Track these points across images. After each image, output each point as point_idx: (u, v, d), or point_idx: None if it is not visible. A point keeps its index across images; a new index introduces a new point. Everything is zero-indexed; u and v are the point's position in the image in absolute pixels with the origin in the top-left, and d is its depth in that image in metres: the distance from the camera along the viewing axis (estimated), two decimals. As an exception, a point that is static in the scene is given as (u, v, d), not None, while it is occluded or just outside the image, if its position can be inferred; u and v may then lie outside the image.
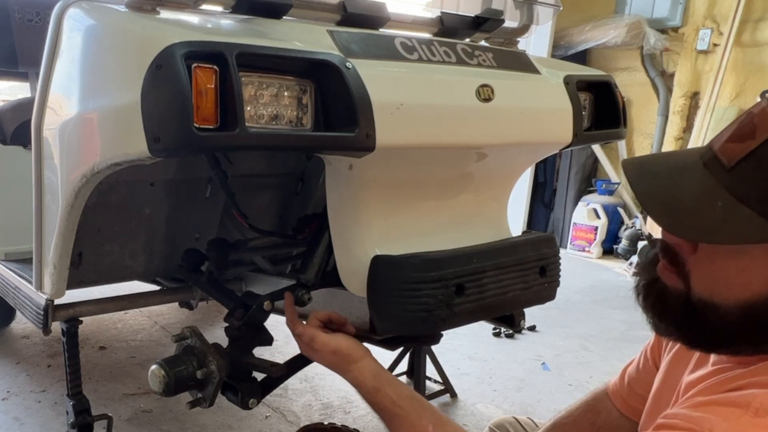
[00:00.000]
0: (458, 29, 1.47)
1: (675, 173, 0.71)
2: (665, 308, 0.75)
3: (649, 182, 0.73)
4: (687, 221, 0.67)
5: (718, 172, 0.67)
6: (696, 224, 0.67)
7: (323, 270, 1.45)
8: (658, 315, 0.77)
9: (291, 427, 2.07)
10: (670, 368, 0.89)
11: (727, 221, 0.65)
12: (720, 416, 0.64)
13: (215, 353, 1.25)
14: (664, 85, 4.77)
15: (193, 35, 0.96)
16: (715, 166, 0.67)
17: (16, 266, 1.82)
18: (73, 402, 1.60)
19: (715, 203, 0.65)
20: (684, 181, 0.69)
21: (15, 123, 2.11)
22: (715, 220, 0.65)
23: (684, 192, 0.69)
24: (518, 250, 1.37)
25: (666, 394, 0.87)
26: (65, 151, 1.23)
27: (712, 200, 0.66)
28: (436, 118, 1.18)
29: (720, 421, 0.63)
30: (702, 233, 0.67)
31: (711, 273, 0.70)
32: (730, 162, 0.65)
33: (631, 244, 4.61)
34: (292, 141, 1.06)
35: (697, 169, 0.69)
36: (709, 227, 0.66)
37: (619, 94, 1.55)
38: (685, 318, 0.73)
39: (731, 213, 0.64)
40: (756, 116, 0.64)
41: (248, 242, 1.62)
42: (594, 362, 2.78)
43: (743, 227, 0.64)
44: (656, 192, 0.71)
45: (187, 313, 2.96)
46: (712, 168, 0.67)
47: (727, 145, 0.66)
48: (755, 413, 0.62)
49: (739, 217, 0.64)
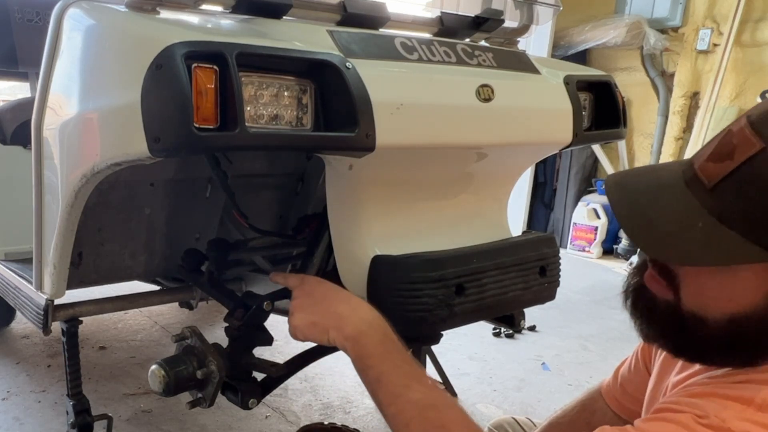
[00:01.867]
0: (458, 29, 1.47)
1: (656, 192, 0.71)
2: (653, 316, 0.75)
3: (629, 204, 0.72)
4: (669, 244, 0.67)
5: (699, 192, 0.66)
6: (677, 247, 0.66)
7: (323, 270, 1.45)
8: (646, 321, 0.76)
9: (291, 427, 2.07)
10: (661, 371, 0.89)
11: (708, 243, 0.64)
12: (721, 406, 0.64)
13: (215, 353, 1.25)
14: (664, 85, 4.77)
15: (193, 35, 0.96)
16: (696, 185, 0.66)
17: (16, 266, 1.82)
18: (73, 402, 1.60)
19: (696, 224, 0.64)
20: (665, 200, 0.69)
21: (15, 123, 2.11)
22: (696, 242, 0.65)
23: (665, 213, 0.68)
24: (518, 250, 1.37)
25: (658, 396, 0.87)
26: (65, 151, 1.22)
27: (694, 221, 0.65)
28: (436, 118, 1.18)
29: (722, 409, 0.63)
30: (683, 257, 0.67)
31: (698, 287, 0.70)
32: (710, 182, 0.65)
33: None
34: (292, 141, 1.06)
35: (678, 187, 0.68)
36: (690, 250, 0.65)
37: (619, 94, 1.55)
38: (672, 328, 0.72)
39: (712, 234, 0.64)
40: (735, 135, 0.63)
41: (248, 242, 1.62)
42: (594, 362, 2.78)
43: (725, 249, 0.63)
44: (637, 215, 0.70)
45: (187, 313, 2.96)
46: (693, 187, 0.67)
47: (707, 164, 0.65)
48: (758, 408, 0.62)
49: (720, 238, 0.63)
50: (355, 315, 0.93)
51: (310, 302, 0.99)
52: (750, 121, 0.62)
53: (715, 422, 0.62)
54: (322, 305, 0.97)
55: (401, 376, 0.83)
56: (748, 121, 0.63)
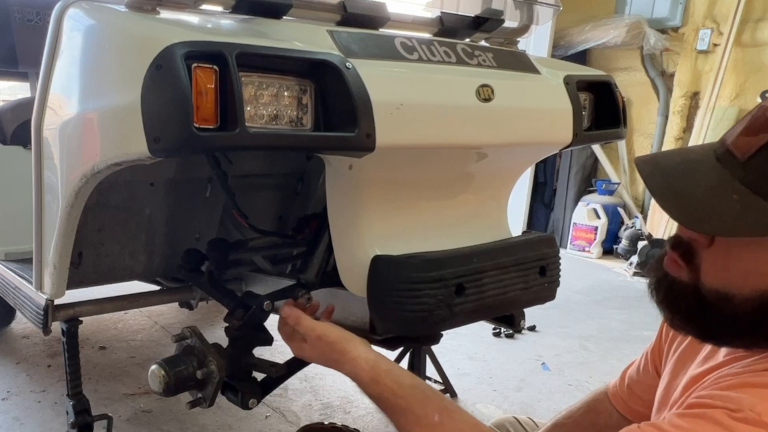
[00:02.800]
0: (458, 29, 1.47)
1: (688, 167, 0.71)
2: (676, 301, 0.75)
3: (662, 177, 0.72)
4: (703, 216, 0.67)
5: (732, 166, 0.67)
6: (712, 218, 0.67)
7: (323, 270, 1.45)
8: (670, 309, 0.77)
9: (291, 427, 2.07)
10: (674, 370, 0.88)
11: (743, 214, 0.64)
12: (758, 397, 0.63)
13: (215, 353, 1.25)
14: (664, 85, 4.77)
15: (193, 35, 0.96)
16: (729, 159, 0.67)
17: (16, 266, 1.82)
18: (73, 402, 1.60)
19: (731, 196, 0.65)
20: (697, 174, 0.69)
21: (15, 123, 2.11)
22: (731, 213, 0.65)
23: (698, 186, 0.69)
24: (518, 250, 1.37)
25: (671, 394, 0.86)
26: (65, 151, 1.23)
27: (728, 193, 0.66)
28: (436, 118, 1.18)
29: (758, 402, 0.62)
30: (719, 227, 0.67)
31: (727, 264, 0.69)
32: (744, 155, 0.66)
33: (631, 244, 4.60)
34: (292, 141, 1.06)
35: (710, 162, 0.69)
36: (725, 221, 0.66)
37: (619, 94, 1.55)
38: (697, 310, 0.73)
39: (747, 205, 0.64)
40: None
41: (248, 242, 1.62)
42: (594, 362, 2.78)
43: (761, 219, 0.64)
44: (670, 187, 0.71)
45: (187, 313, 2.96)
46: (725, 161, 0.68)
47: (741, 139, 0.66)
48: None
49: (755, 209, 0.64)
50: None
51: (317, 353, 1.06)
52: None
53: (750, 416, 0.61)
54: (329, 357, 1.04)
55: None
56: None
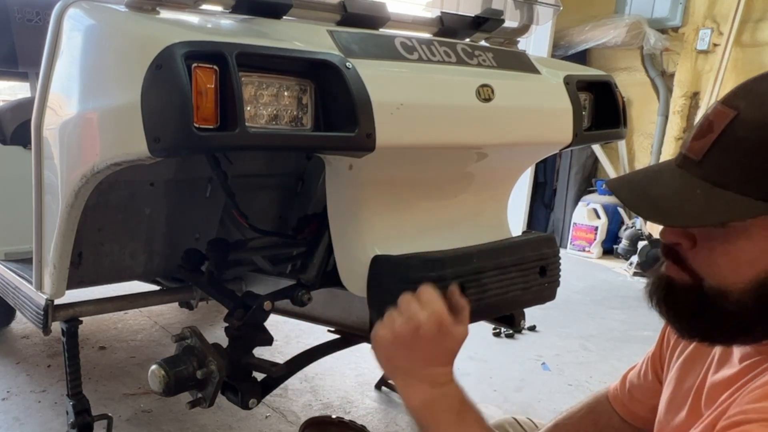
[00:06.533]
0: (458, 29, 1.47)
1: (653, 176, 0.79)
2: (678, 305, 0.77)
3: (630, 188, 0.80)
4: (672, 212, 0.73)
5: (691, 167, 0.73)
6: (683, 212, 0.72)
7: (323, 270, 1.45)
8: (673, 314, 0.78)
9: (291, 427, 2.07)
10: (681, 374, 0.88)
11: (710, 205, 0.70)
12: None
13: (215, 353, 1.25)
14: (664, 85, 4.77)
15: (193, 35, 0.96)
16: (687, 163, 0.74)
17: (16, 266, 1.82)
18: (73, 402, 1.60)
19: (694, 192, 0.71)
20: (662, 180, 0.76)
21: (15, 123, 2.11)
22: (698, 205, 0.70)
23: (665, 188, 0.75)
24: (518, 250, 1.37)
25: (679, 399, 0.86)
26: (65, 151, 1.23)
27: (692, 190, 0.72)
28: (436, 118, 1.18)
29: None
30: (691, 219, 0.72)
31: (714, 261, 0.72)
32: (699, 155, 0.72)
33: (631, 244, 4.60)
34: (292, 141, 1.06)
35: (672, 170, 0.76)
36: (695, 213, 0.71)
37: (619, 94, 1.55)
38: (700, 311, 0.74)
39: (711, 197, 0.70)
40: (710, 114, 0.72)
41: (248, 242, 1.62)
42: (594, 362, 2.78)
43: (724, 206, 0.69)
44: (638, 192, 0.78)
45: (187, 313, 2.96)
46: (684, 166, 0.74)
47: (693, 143, 0.73)
48: None
49: (718, 198, 0.69)
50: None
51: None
52: (720, 101, 0.72)
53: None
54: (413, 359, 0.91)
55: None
56: (718, 101, 0.72)
